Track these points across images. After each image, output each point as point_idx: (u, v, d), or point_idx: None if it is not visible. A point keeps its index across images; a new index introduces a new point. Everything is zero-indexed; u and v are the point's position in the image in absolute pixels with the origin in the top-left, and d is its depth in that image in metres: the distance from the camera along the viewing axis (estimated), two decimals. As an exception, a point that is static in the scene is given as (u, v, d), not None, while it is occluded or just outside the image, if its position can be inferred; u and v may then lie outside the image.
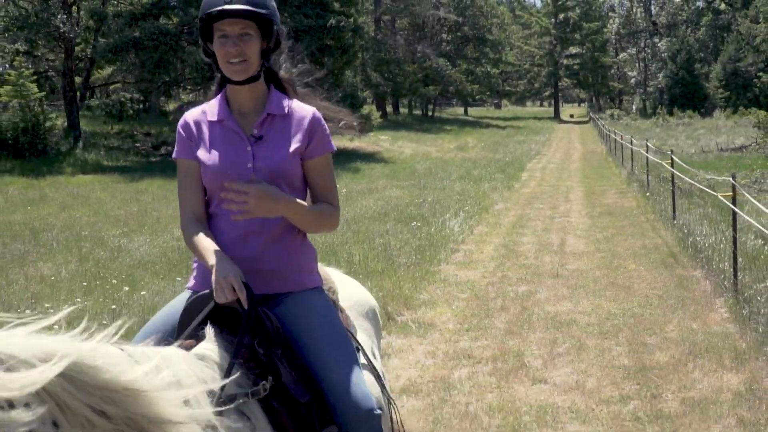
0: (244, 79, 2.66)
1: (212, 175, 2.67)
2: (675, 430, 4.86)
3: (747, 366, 5.87)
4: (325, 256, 9.90)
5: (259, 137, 2.69)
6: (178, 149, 2.78)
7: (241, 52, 2.61)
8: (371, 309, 3.29)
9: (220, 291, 2.40)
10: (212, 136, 2.73)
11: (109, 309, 7.46)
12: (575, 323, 7.32)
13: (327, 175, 2.78)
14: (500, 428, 5.00)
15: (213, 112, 2.76)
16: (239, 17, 2.61)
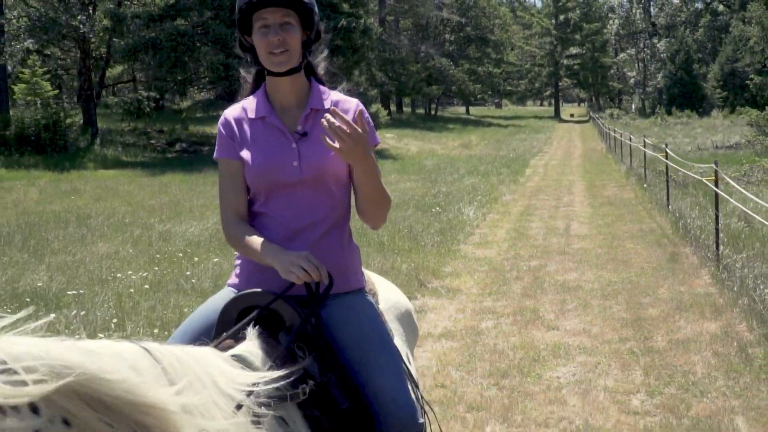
0: (286, 70, 2.60)
1: (256, 174, 2.62)
2: (663, 360, 6.13)
3: (723, 316, 7.15)
4: (357, 237, 11.17)
5: (304, 133, 2.63)
6: (219, 148, 2.70)
7: (283, 41, 2.56)
8: (407, 312, 3.17)
9: (296, 269, 2.37)
10: (254, 134, 2.66)
11: (184, 275, 8.72)
12: (581, 288, 8.59)
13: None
14: (523, 360, 6.26)
15: (253, 108, 2.69)
16: (281, 5, 2.55)
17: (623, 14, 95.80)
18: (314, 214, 2.60)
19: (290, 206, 2.61)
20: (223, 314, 2.48)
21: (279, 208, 2.61)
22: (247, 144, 2.65)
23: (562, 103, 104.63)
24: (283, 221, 2.60)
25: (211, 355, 1.98)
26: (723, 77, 75.13)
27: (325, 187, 2.61)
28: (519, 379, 5.82)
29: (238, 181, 2.66)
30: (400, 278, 8.84)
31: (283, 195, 2.62)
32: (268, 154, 2.61)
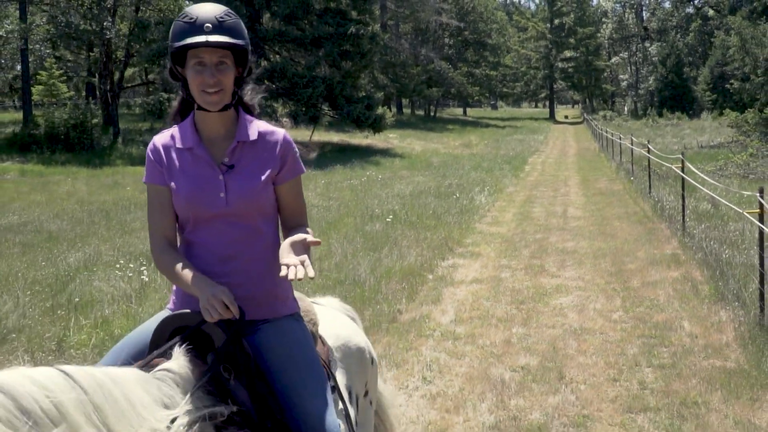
0: (218, 110, 2.66)
1: (184, 203, 2.66)
2: (636, 293, 8.44)
3: (683, 267, 9.49)
4: (386, 214, 13.49)
5: (231, 166, 2.68)
6: (147, 174, 2.74)
7: (218, 81, 2.60)
8: (358, 349, 3.21)
9: (210, 308, 2.39)
10: (182, 164, 2.69)
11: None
12: (577, 252, 10.91)
13: (298, 196, 2.80)
14: (534, 294, 8.56)
15: (182, 138, 2.71)
16: (218, 47, 2.59)
17: (616, 19, 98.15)
18: (241, 243, 2.65)
19: (218, 235, 2.65)
20: (156, 334, 2.52)
21: (207, 237, 2.65)
22: (175, 173, 2.68)
23: (557, 105, 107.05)
24: (211, 249, 2.65)
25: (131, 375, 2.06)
26: (712, 80, 77.44)
27: (252, 220, 2.66)
28: (532, 304, 8.14)
29: (166, 206, 2.70)
30: (433, 246, 11.17)
31: (211, 224, 2.65)
32: (195, 184, 2.64)
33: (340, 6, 39.40)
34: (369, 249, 10.71)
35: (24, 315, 7.40)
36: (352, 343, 3.19)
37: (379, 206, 15.21)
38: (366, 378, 3.25)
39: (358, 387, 3.10)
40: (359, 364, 3.18)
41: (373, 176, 23.07)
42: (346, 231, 12.27)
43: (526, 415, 5.29)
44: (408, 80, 62.70)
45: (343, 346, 3.11)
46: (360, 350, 3.22)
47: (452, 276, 9.59)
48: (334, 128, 46.51)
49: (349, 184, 20.81)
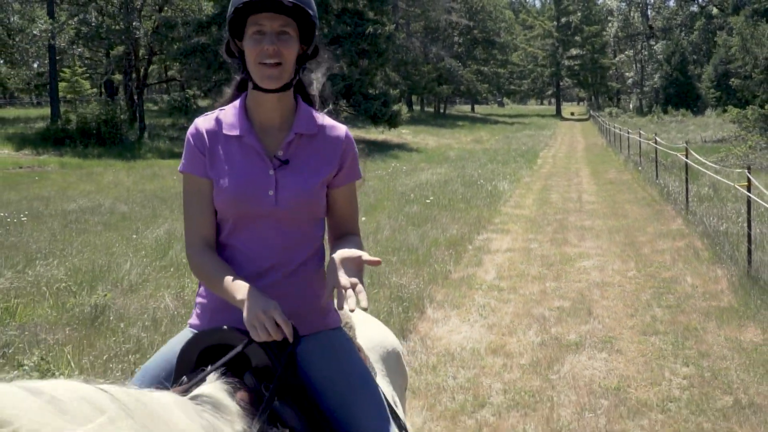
0: (276, 88, 2.31)
1: (227, 199, 2.31)
2: (647, 258, 10.03)
3: (687, 239, 11.09)
4: (420, 198, 15.10)
5: (285, 161, 2.34)
6: (186, 162, 2.38)
7: (278, 52, 2.26)
8: (394, 352, 2.97)
9: (259, 326, 2.08)
10: (228, 153, 2.34)
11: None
12: (594, 228, 12.51)
13: (352, 202, 2.50)
14: (561, 260, 10.15)
15: (230, 123, 2.37)
16: (282, 13, 2.26)
17: (622, 17, 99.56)
18: (287, 250, 2.35)
19: (261, 240, 2.35)
20: (182, 355, 2.23)
21: (248, 242, 2.35)
22: (219, 163, 2.34)
23: (563, 102, 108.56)
24: (251, 256, 2.34)
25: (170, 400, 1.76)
26: (716, 78, 78.82)
27: (300, 223, 2.37)
28: (560, 266, 9.74)
29: (206, 201, 2.36)
30: (468, 223, 12.78)
31: (255, 226, 2.35)
32: (242, 178, 2.32)
33: (357, 7, 40.99)
34: (413, 225, 12.33)
35: (143, 272, 9.01)
36: (388, 344, 2.95)
37: (412, 192, 16.82)
38: (406, 383, 3.07)
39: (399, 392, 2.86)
40: (396, 370, 2.93)
41: (397, 168, 24.68)
42: (388, 211, 13.89)
43: (564, 336, 6.89)
44: (419, 78, 64.28)
45: (379, 347, 2.88)
46: (396, 354, 2.98)
47: (488, 246, 11.20)
48: (349, 124, 47.88)
49: (376, 174, 22.41)
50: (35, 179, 23.76)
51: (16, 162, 30.09)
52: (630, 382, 5.77)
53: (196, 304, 2.48)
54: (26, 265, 9.34)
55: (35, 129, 39.11)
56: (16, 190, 21.18)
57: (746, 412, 5.14)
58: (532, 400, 5.46)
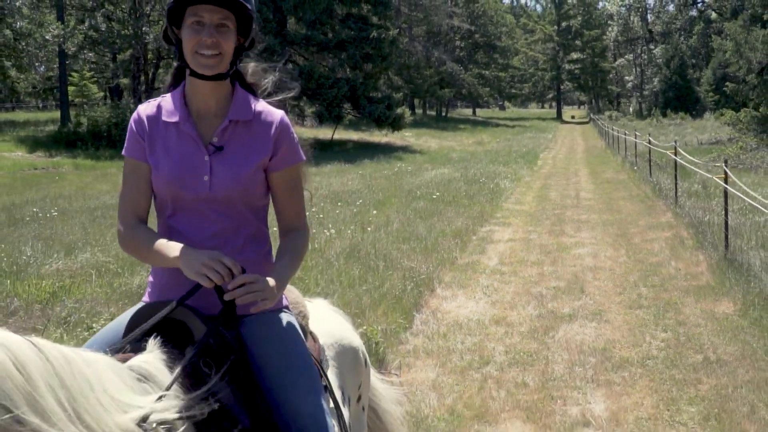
0: (212, 75, 2.40)
1: (164, 184, 2.43)
2: (637, 247, 10.90)
3: (674, 230, 11.97)
4: (426, 195, 15.97)
5: (219, 147, 2.43)
6: (127, 146, 2.50)
7: (216, 44, 2.35)
8: (351, 349, 2.98)
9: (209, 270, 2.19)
10: (166, 140, 2.45)
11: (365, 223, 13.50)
12: (589, 222, 13.40)
13: (295, 190, 2.55)
14: (558, 248, 11.02)
15: (169, 110, 2.47)
16: (221, 5, 2.35)
17: (621, 22, 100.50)
18: (223, 235, 2.43)
19: (199, 223, 2.43)
20: (129, 327, 2.30)
21: (187, 224, 2.43)
22: (158, 149, 2.45)
23: (564, 105, 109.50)
24: (191, 237, 2.41)
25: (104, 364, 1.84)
26: (715, 81, 79.70)
27: (237, 208, 2.44)
28: (557, 254, 10.62)
29: (142, 184, 2.47)
30: (471, 217, 13.66)
31: (192, 210, 2.43)
32: (178, 164, 2.41)
33: (361, 12, 41.93)
34: (420, 218, 13.21)
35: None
36: (345, 341, 2.98)
37: (418, 190, 17.71)
38: (360, 380, 3.06)
39: (350, 390, 2.91)
40: (353, 365, 2.98)
41: (402, 168, 25.56)
42: (396, 206, 14.77)
43: (559, 310, 7.77)
44: (421, 81, 65.26)
45: (336, 344, 2.91)
46: (354, 350, 3.02)
47: (491, 237, 12.08)
48: (353, 127, 49.07)
49: (383, 174, 23.29)
50: (55, 179, 24.69)
51: (31, 164, 31.00)
52: (615, 344, 6.64)
53: (148, 283, 2.58)
54: (66, 254, 10.21)
55: (45, 132, 39.99)
56: (37, 190, 22.07)
57: (713, 366, 6.01)
58: (530, 359, 6.34)
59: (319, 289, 8.11)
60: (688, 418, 5.11)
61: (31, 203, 17.78)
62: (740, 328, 6.91)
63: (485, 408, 5.35)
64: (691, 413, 5.17)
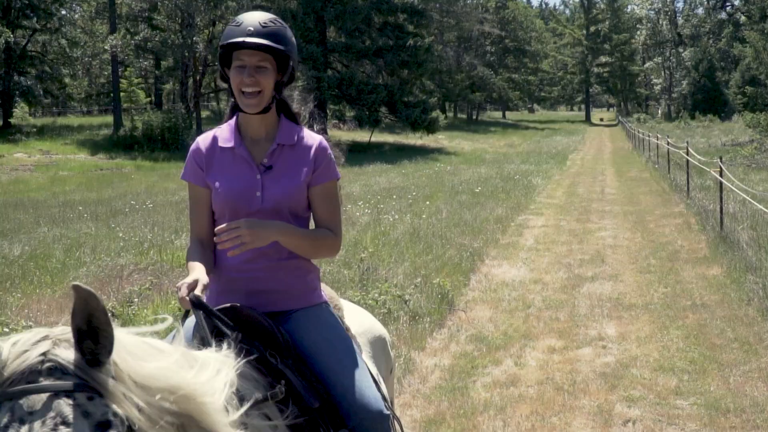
0: (255, 112, 2.78)
1: (222, 200, 2.79)
2: (652, 231, 12.94)
3: (684, 218, 14.01)
4: (467, 190, 18.09)
5: (269, 167, 2.81)
6: (186, 172, 2.89)
7: (255, 82, 2.71)
8: (381, 338, 3.29)
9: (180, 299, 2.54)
10: (223, 163, 2.82)
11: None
12: (612, 212, 15.47)
13: (330, 202, 2.89)
14: (584, 231, 13.09)
15: (225, 138, 2.86)
16: (258, 50, 2.71)
17: (650, 25, 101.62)
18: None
19: None
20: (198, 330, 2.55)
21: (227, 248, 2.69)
22: (216, 172, 2.82)
23: (592, 108, 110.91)
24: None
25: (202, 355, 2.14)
26: (743, 84, 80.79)
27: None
28: (583, 236, 12.71)
29: (202, 206, 2.87)
30: (509, 207, 15.77)
31: None
32: (234, 183, 2.78)
33: (398, 21, 44.20)
34: (465, 208, 15.36)
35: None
36: (375, 331, 3.25)
37: (459, 186, 19.87)
38: (390, 365, 3.34)
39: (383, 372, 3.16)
40: (382, 352, 3.24)
41: (441, 168, 27.72)
42: (443, 199, 16.93)
43: (584, 274, 9.87)
44: (453, 85, 67.35)
45: (368, 332, 3.18)
46: (383, 339, 3.29)
47: (527, 223, 14.21)
48: (387, 130, 51.28)
49: (424, 173, 25.46)
50: (131, 178, 27.18)
51: (96, 165, 33.54)
52: (626, 295, 8.75)
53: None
54: (176, 236, 12.48)
55: (101, 135, 42.53)
56: (111, 188, 24.49)
57: (698, 308, 8.09)
58: (560, 304, 8.46)
59: (392, 258, 10.30)
60: (675, 336, 7.20)
61: (117, 198, 20.18)
62: (724, 284, 8.98)
63: (528, 332, 7.49)
64: (677, 334, 7.26)
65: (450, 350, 6.99)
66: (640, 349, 6.84)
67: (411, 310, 7.85)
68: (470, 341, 7.22)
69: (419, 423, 5.41)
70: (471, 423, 5.37)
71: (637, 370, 6.30)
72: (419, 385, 6.14)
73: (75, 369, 1.65)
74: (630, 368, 6.36)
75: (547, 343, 7.10)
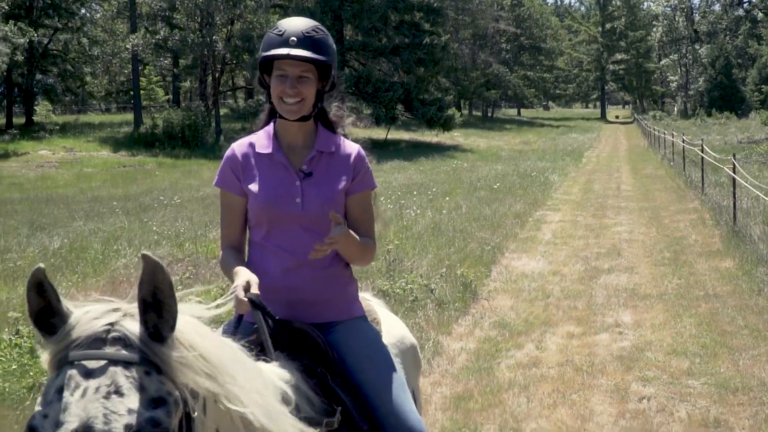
0: (295, 119, 2.75)
1: (260, 206, 2.74)
2: (666, 225, 13.33)
3: (698, 213, 14.38)
4: (485, 186, 18.51)
5: (309, 173, 2.77)
6: (221, 178, 2.83)
7: (298, 93, 2.69)
8: (412, 347, 3.23)
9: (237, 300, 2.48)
10: (261, 169, 2.78)
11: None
12: (628, 208, 15.85)
13: (367, 211, 2.87)
14: (600, 226, 13.49)
15: (262, 144, 2.82)
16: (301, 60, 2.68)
17: (666, 22, 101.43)
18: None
19: (290, 241, 2.73)
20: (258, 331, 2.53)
21: (280, 242, 2.73)
22: (254, 177, 2.77)
23: (608, 105, 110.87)
24: (283, 255, 2.73)
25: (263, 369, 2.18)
26: (761, 81, 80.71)
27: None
28: (599, 230, 13.11)
29: (236, 213, 2.82)
30: (527, 203, 16.18)
31: (284, 229, 2.74)
32: (273, 188, 2.74)
33: (414, 19, 44.59)
34: (484, 204, 15.79)
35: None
36: (406, 340, 3.19)
37: (477, 182, 20.30)
38: (419, 374, 3.37)
39: (413, 383, 3.12)
40: (413, 362, 3.21)
41: (458, 165, 28.16)
42: (462, 194, 17.37)
43: (601, 266, 10.28)
44: (468, 83, 67.66)
45: (399, 343, 3.10)
46: (414, 348, 3.25)
47: (544, 219, 14.62)
48: (404, 127, 51.69)
49: (441, 170, 25.90)
50: (154, 175, 27.74)
51: (119, 162, 34.13)
52: (641, 286, 9.16)
53: None
54: (207, 230, 12.97)
55: (122, 133, 43.14)
56: (135, 185, 25.05)
57: (711, 298, 8.50)
58: (578, 294, 8.88)
59: (416, 251, 10.74)
60: (687, 324, 7.61)
61: (143, 194, 20.73)
62: (736, 276, 9.38)
63: (548, 319, 7.92)
64: (690, 321, 7.67)
65: (475, 335, 7.43)
66: (654, 335, 7.25)
67: (437, 298, 8.29)
68: (493, 327, 7.66)
69: (449, 399, 5.85)
70: (497, 399, 5.81)
71: (652, 354, 6.71)
72: (447, 366, 6.58)
73: (138, 342, 1.66)
74: (645, 352, 6.77)
75: (566, 329, 7.53)
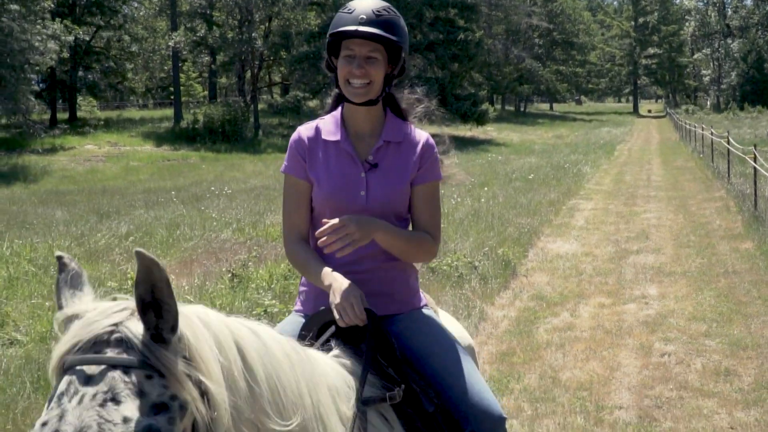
0: (361, 102, 2.63)
1: (324, 197, 2.65)
2: (694, 212, 14.11)
3: (724, 201, 15.13)
4: (520, 178, 19.35)
5: (375, 164, 2.66)
6: (288, 164, 2.72)
7: (365, 74, 2.58)
8: (470, 347, 3.15)
9: (343, 312, 2.41)
10: (326, 157, 2.68)
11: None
12: (657, 197, 16.63)
13: (431, 203, 2.75)
14: (631, 213, 14.30)
15: (329, 131, 2.71)
16: (370, 39, 2.57)
17: (699, 17, 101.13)
18: (376, 243, 2.59)
19: None
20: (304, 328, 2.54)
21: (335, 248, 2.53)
22: (318, 165, 2.66)
23: (640, 99, 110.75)
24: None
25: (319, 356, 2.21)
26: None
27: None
28: (629, 217, 13.94)
29: (303, 200, 2.69)
30: (560, 192, 17.02)
31: None
32: (338, 179, 2.63)
33: (448, 16, 45.41)
34: (520, 193, 16.67)
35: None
36: (465, 340, 3.10)
37: (513, 173, 21.16)
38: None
39: None
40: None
41: (493, 158, 28.99)
42: (498, 185, 18.26)
43: (630, 248, 11.13)
44: (501, 78, 68.26)
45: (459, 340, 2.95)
46: (471, 348, 3.20)
47: (577, 207, 15.47)
48: (437, 122, 52.46)
49: (477, 163, 26.74)
50: (199, 168, 28.88)
51: (162, 156, 35.37)
52: (666, 265, 10.01)
53: (300, 292, 2.82)
54: (262, 217, 14.00)
55: (163, 128, 44.36)
56: (182, 177, 26.23)
57: (730, 275, 9.33)
58: (609, 272, 9.76)
59: (458, 235, 11.67)
60: (707, 296, 8.46)
61: (192, 186, 21.85)
62: (755, 255, 10.19)
63: (581, 292, 8.82)
64: (710, 294, 8.52)
65: (515, 306, 8.35)
66: (677, 305, 8.12)
67: (480, 274, 9.22)
68: (532, 299, 8.57)
69: (495, 354, 6.78)
70: (537, 354, 6.73)
71: (674, 320, 7.59)
72: (492, 329, 7.51)
73: (139, 344, 1.54)
74: (668, 318, 7.65)
75: (598, 301, 8.42)
